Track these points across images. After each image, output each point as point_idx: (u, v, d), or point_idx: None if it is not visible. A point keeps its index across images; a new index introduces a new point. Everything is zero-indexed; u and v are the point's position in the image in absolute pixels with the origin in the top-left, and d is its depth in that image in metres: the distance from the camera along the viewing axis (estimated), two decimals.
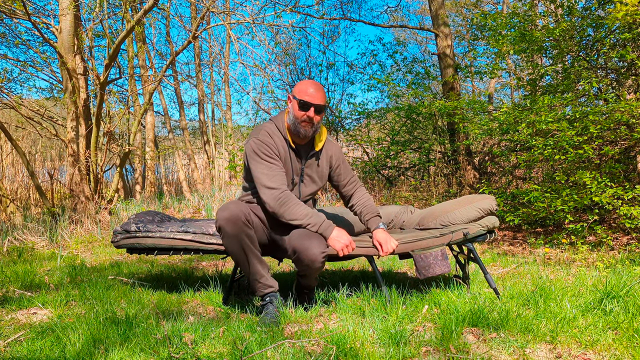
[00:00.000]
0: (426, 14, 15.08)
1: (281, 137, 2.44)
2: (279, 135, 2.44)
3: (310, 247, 2.25)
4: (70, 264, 3.78)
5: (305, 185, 2.53)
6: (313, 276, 2.42)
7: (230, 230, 2.25)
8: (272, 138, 2.41)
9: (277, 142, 2.42)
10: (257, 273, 2.35)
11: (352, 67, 9.41)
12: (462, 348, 1.90)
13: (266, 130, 2.43)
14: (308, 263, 2.26)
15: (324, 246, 2.29)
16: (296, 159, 2.47)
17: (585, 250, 3.89)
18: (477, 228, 2.54)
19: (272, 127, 2.46)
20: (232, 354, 1.83)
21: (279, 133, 2.44)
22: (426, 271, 2.43)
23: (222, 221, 2.25)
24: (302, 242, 2.26)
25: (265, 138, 2.39)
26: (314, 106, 2.36)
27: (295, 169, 2.47)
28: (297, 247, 2.26)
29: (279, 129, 2.45)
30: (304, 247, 2.25)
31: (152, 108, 11.70)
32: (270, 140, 2.39)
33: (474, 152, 7.60)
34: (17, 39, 7.88)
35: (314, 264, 2.27)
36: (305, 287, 2.53)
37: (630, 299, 2.31)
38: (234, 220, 2.24)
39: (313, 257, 2.25)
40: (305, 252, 2.24)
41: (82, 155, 6.03)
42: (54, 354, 1.87)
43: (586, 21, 4.97)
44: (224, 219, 2.25)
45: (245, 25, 6.79)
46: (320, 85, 2.42)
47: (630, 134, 4.27)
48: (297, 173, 2.48)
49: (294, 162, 2.46)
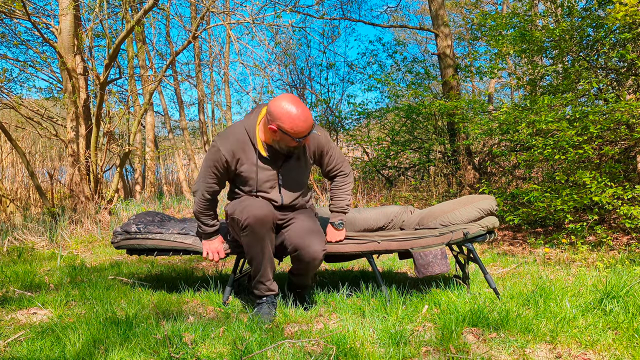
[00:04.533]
0: (426, 14, 15.09)
1: (250, 146, 2.31)
2: (249, 144, 2.31)
3: (312, 244, 2.27)
4: (70, 264, 3.78)
5: (287, 187, 2.40)
6: (310, 274, 2.43)
7: (258, 231, 2.23)
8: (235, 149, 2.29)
9: (244, 152, 2.30)
10: (266, 275, 2.35)
11: (352, 67, 9.41)
12: (462, 348, 1.90)
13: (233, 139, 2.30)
14: (309, 260, 2.28)
15: (324, 243, 2.32)
16: (267, 168, 2.33)
17: (585, 250, 3.89)
18: (477, 228, 2.54)
19: (242, 134, 2.31)
20: (232, 354, 1.83)
21: (248, 142, 2.31)
22: (425, 270, 2.44)
23: (252, 220, 2.20)
24: (303, 240, 2.27)
25: (225, 153, 2.28)
26: (308, 134, 2.24)
27: (266, 176, 2.34)
28: (299, 245, 2.28)
29: (250, 138, 2.31)
30: (306, 244, 2.26)
31: (152, 108, 11.70)
32: (227, 157, 2.28)
33: (474, 152, 7.60)
34: (17, 39, 7.88)
35: (315, 261, 2.29)
36: (300, 286, 2.53)
37: (630, 299, 2.31)
38: (264, 222, 2.22)
39: (315, 254, 2.27)
40: (307, 249, 2.26)
41: (82, 156, 6.02)
42: (54, 354, 1.87)
43: (586, 21, 4.97)
44: (255, 219, 2.20)
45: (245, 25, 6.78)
46: (305, 108, 2.22)
47: (630, 134, 4.27)
48: (273, 179, 2.35)
49: (263, 170, 2.32)
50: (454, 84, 7.73)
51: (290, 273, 2.53)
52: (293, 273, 2.49)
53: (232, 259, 3.84)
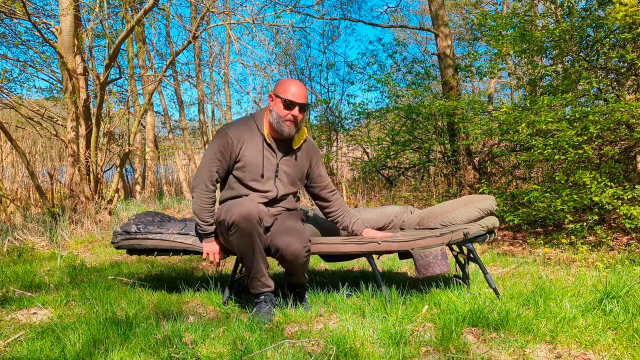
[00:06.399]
0: (426, 14, 15.09)
1: (257, 132, 2.46)
2: (255, 130, 2.46)
3: (292, 243, 2.28)
4: (70, 264, 3.78)
5: (282, 182, 2.51)
6: (300, 272, 2.44)
7: (244, 227, 2.24)
8: (242, 132, 2.44)
9: (250, 135, 2.44)
10: (260, 271, 2.36)
11: (352, 67, 9.41)
12: (462, 348, 1.90)
13: (241, 124, 2.47)
14: (292, 259, 2.30)
15: (306, 240, 2.33)
16: (271, 154, 2.47)
17: (585, 250, 3.89)
18: (477, 228, 2.54)
19: (250, 122, 2.48)
20: (232, 354, 1.83)
21: (255, 128, 2.47)
22: (425, 270, 2.44)
23: (237, 217, 2.23)
24: (282, 239, 2.30)
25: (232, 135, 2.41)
26: (299, 105, 2.39)
27: (268, 165, 2.46)
28: (279, 245, 2.30)
29: (256, 124, 2.47)
30: (285, 244, 2.28)
31: (152, 108, 11.70)
32: (232, 139, 2.40)
33: (474, 152, 7.60)
34: (17, 39, 7.87)
35: (298, 259, 2.30)
36: (296, 285, 2.54)
37: (630, 299, 2.31)
38: (249, 218, 2.23)
39: (296, 252, 2.28)
40: (288, 249, 2.28)
41: (82, 156, 6.02)
42: (54, 354, 1.87)
43: (586, 21, 4.97)
44: (240, 215, 2.23)
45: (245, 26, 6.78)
46: (302, 84, 2.45)
47: (630, 134, 4.27)
48: (272, 169, 2.47)
49: (267, 157, 2.45)
50: (454, 84, 7.74)
51: (285, 274, 2.55)
52: (286, 273, 2.52)
53: (232, 259, 3.85)
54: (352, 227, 2.66)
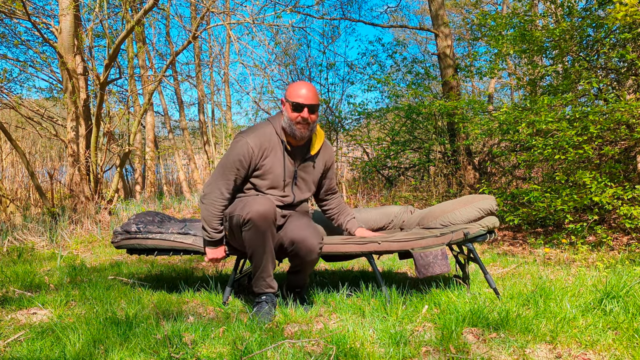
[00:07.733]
0: (426, 14, 15.10)
1: (277, 138, 2.44)
2: (275, 136, 2.43)
3: (308, 237, 2.30)
4: (70, 264, 3.78)
5: (299, 188, 2.53)
6: (307, 271, 2.45)
7: (260, 225, 2.24)
8: (262, 141, 2.39)
9: (270, 144, 2.41)
10: (266, 271, 2.36)
11: (352, 67, 9.41)
12: (462, 348, 1.90)
13: (261, 132, 2.42)
14: (305, 253, 2.32)
15: (320, 237, 2.36)
16: (290, 161, 2.47)
17: (585, 250, 3.89)
18: (477, 228, 2.54)
19: (269, 128, 2.45)
20: (232, 354, 1.83)
21: (274, 134, 2.44)
22: (426, 270, 2.44)
23: (254, 214, 2.22)
24: (299, 233, 2.32)
25: (253, 145, 2.36)
26: (307, 106, 2.38)
27: (288, 171, 2.46)
28: (295, 238, 2.31)
29: (275, 129, 2.45)
30: (302, 238, 2.30)
31: (152, 108, 11.69)
32: (254, 149, 2.37)
33: (474, 152, 7.60)
34: (17, 39, 7.88)
35: (311, 254, 2.32)
36: (297, 285, 2.54)
37: (630, 299, 2.31)
38: (266, 217, 2.24)
39: (311, 247, 2.30)
40: (304, 242, 2.30)
41: (82, 156, 6.02)
42: (54, 354, 1.87)
43: (586, 21, 4.97)
44: (257, 213, 2.22)
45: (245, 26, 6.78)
46: (311, 85, 2.45)
47: (630, 134, 4.27)
48: (290, 175, 2.48)
49: (287, 164, 2.45)
50: (454, 84, 7.74)
51: (288, 272, 2.55)
52: (291, 271, 2.51)
53: (232, 259, 3.84)
54: (345, 225, 2.70)
